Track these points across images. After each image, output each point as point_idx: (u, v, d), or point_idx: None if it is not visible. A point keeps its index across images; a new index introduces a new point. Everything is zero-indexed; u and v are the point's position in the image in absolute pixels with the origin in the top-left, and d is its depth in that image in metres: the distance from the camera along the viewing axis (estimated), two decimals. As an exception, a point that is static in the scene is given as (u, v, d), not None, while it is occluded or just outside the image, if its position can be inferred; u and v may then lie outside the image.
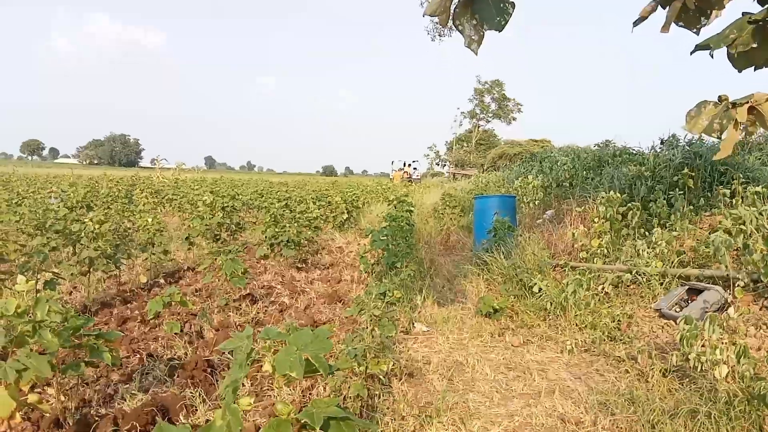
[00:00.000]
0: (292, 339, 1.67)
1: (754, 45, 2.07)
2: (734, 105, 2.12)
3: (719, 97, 2.12)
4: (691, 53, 2.20)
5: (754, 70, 2.18)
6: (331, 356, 4.11)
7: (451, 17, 1.91)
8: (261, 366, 3.77)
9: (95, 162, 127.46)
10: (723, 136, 2.18)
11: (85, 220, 6.40)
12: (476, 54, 1.97)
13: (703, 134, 2.21)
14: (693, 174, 7.26)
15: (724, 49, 2.13)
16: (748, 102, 2.02)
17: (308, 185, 23.97)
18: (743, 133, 2.25)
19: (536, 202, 11.69)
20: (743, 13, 2.10)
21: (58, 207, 8.28)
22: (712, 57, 2.17)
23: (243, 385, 3.69)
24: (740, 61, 2.14)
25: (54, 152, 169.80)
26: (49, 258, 5.54)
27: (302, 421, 1.63)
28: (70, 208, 9.06)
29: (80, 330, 3.03)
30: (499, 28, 1.87)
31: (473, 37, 1.92)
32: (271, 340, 1.84)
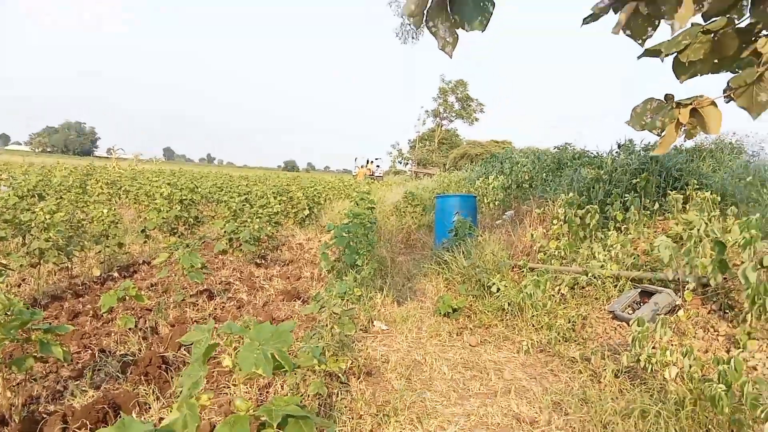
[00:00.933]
0: (253, 334, 1.64)
1: (701, 56, 2.12)
2: (678, 105, 2.17)
3: (665, 95, 2.17)
4: (639, 57, 2.24)
5: (691, 77, 2.23)
6: (290, 353, 4.08)
7: (424, 19, 1.90)
8: (219, 362, 3.71)
9: (48, 150, 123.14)
10: (663, 134, 2.22)
11: (36, 209, 6.19)
12: (450, 57, 1.96)
13: (644, 130, 2.26)
14: (649, 178, 7.47)
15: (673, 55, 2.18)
16: (691, 104, 2.07)
17: (269, 180, 23.72)
18: (683, 135, 2.31)
19: (496, 203, 11.84)
20: (693, 24, 2.15)
21: (8, 195, 7.98)
22: (662, 61, 2.21)
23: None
24: (684, 69, 2.19)
25: (5, 138, 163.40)
26: (-3, 249, 5.32)
27: (260, 419, 1.61)
28: (21, 196, 8.73)
29: (28, 323, 2.92)
30: (482, 28, 1.87)
31: (447, 40, 1.92)
32: (229, 336, 1.80)
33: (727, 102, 2.12)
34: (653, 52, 2.20)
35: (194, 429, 1.23)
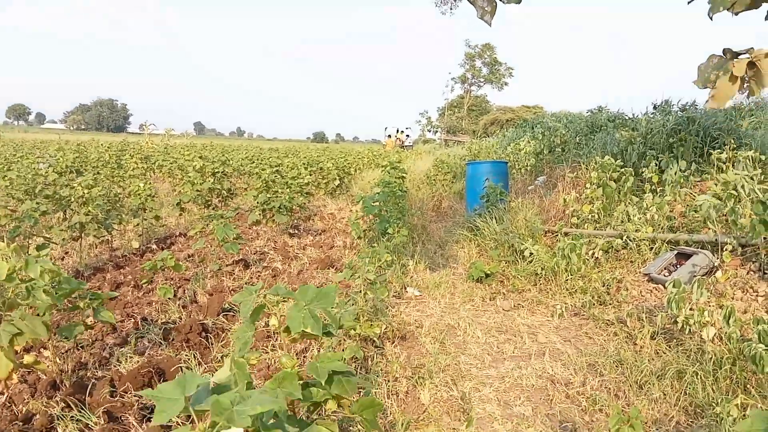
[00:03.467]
0: (299, 295, 1.68)
1: None
2: (735, 57, 2.11)
3: (723, 50, 2.10)
4: (689, 2, 2.17)
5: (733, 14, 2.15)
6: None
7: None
8: (262, 327, 3.81)
9: (82, 127, 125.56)
10: (716, 86, 2.17)
11: (74, 184, 6.35)
12: (490, 25, 1.94)
13: (707, 87, 2.20)
14: (686, 139, 7.27)
15: None
16: (748, 56, 2.00)
17: (300, 152, 23.81)
18: (745, 93, 2.24)
19: (528, 168, 11.69)
20: None
21: (47, 172, 8.20)
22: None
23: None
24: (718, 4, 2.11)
25: (40, 117, 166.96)
26: (40, 223, 5.50)
27: (304, 380, 1.65)
28: (60, 173, 8.97)
29: (75, 292, 3.03)
30: (518, 0, 1.84)
31: (486, 8, 1.89)
32: (276, 298, 1.85)
33: None
34: None
35: (244, 386, 1.28)
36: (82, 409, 2.84)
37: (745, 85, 2.06)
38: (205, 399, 1.21)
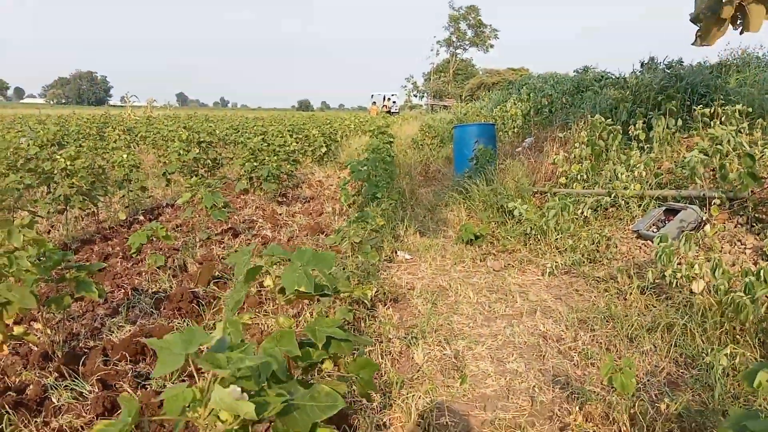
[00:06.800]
0: (296, 256, 1.66)
1: None
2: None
3: None
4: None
5: None
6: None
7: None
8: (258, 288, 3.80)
9: (63, 101, 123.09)
10: (702, 25, 2.15)
11: (57, 156, 6.24)
12: None
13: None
14: (673, 96, 7.25)
15: None
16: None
17: (285, 120, 23.55)
18: (740, 28, 2.22)
19: (515, 131, 11.64)
20: None
21: (28, 146, 8.04)
22: None
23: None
24: None
25: (19, 92, 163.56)
26: (24, 196, 5.41)
27: (300, 336, 1.64)
28: (41, 146, 8.79)
29: (61, 263, 2.99)
30: None
31: None
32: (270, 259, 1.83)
33: None
34: None
35: (239, 342, 1.26)
36: (76, 378, 2.83)
37: (738, 22, 2.04)
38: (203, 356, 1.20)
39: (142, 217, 6.87)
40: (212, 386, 1.14)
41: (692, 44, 2.30)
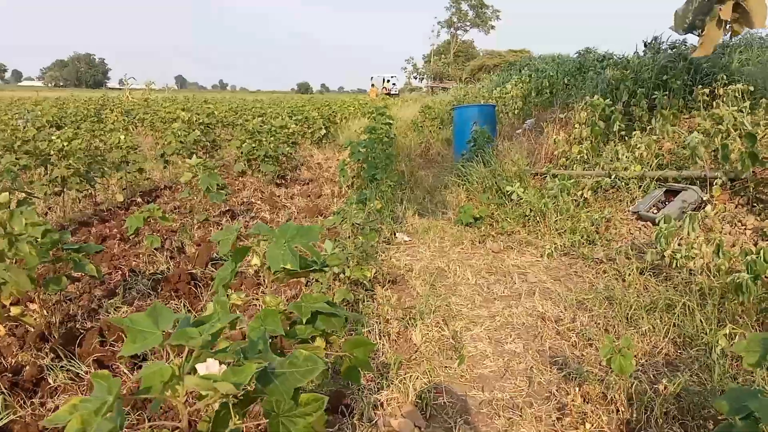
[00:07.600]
0: (279, 232, 1.63)
1: None
2: (720, 1, 2.02)
3: None
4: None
5: None
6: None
7: None
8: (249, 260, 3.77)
9: (61, 84, 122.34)
10: (704, 33, 2.09)
11: (54, 137, 6.19)
12: None
13: (688, 33, 2.13)
14: (676, 76, 7.17)
15: None
16: None
17: (284, 102, 23.40)
18: (728, 33, 2.16)
19: (516, 112, 11.56)
20: None
21: (25, 128, 7.98)
22: None
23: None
24: None
25: (17, 75, 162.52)
26: (20, 177, 5.37)
27: (291, 317, 1.62)
28: (38, 128, 8.73)
29: (59, 244, 2.96)
30: None
31: None
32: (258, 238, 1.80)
33: None
34: None
35: (227, 321, 1.24)
36: (72, 359, 2.82)
37: (728, 26, 1.98)
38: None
39: (139, 199, 6.84)
40: (190, 362, 1.12)
41: (693, 55, 2.24)
